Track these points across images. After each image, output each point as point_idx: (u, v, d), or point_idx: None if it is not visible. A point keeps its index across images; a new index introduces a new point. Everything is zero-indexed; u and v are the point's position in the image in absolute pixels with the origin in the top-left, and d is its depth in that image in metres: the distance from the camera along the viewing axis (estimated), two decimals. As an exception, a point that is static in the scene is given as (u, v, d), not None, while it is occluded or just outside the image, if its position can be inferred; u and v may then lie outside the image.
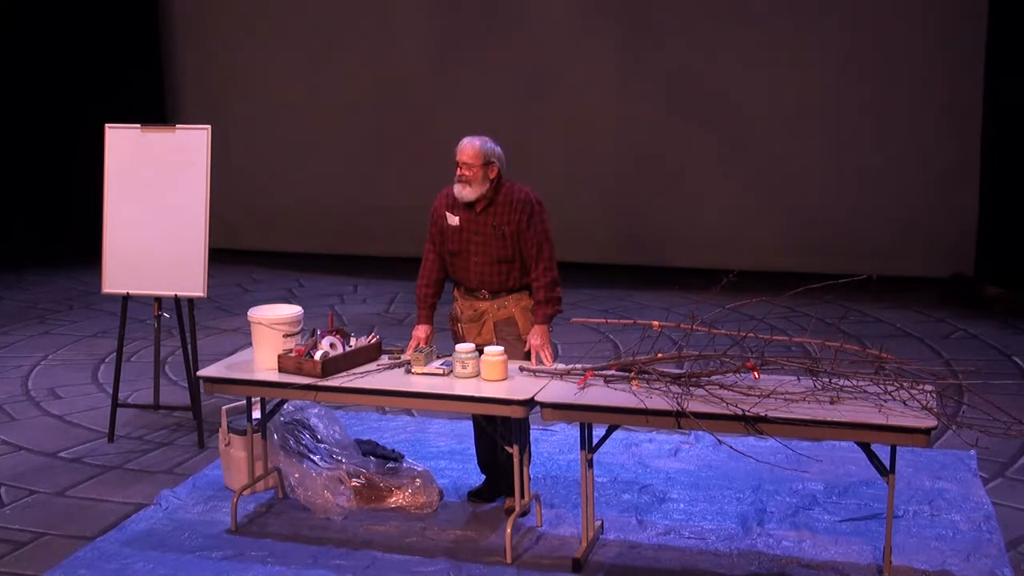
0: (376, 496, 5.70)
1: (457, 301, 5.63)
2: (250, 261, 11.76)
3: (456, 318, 5.62)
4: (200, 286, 6.61)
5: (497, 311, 5.52)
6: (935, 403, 4.69)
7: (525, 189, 5.49)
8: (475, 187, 5.38)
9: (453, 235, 5.51)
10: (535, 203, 5.45)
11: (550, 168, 10.86)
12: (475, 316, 5.54)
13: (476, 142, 5.40)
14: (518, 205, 5.41)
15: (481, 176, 5.37)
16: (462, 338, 5.56)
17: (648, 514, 5.56)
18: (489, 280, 5.49)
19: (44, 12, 12.11)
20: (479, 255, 5.46)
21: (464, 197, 5.40)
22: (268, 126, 12.02)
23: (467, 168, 5.37)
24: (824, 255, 10.20)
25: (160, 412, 6.98)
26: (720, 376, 4.95)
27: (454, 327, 5.65)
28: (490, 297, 5.52)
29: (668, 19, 10.66)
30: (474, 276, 5.50)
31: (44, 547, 5.42)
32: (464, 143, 5.41)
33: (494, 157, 5.40)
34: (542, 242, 5.45)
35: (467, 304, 5.57)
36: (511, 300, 5.51)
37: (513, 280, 5.49)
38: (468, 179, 5.37)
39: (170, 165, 6.64)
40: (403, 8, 11.46)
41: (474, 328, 5.54)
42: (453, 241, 5.52)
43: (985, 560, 5.02)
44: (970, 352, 8.19)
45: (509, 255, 5.44)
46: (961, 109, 9.94)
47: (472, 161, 5.36)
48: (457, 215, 5.48)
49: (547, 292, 5.44)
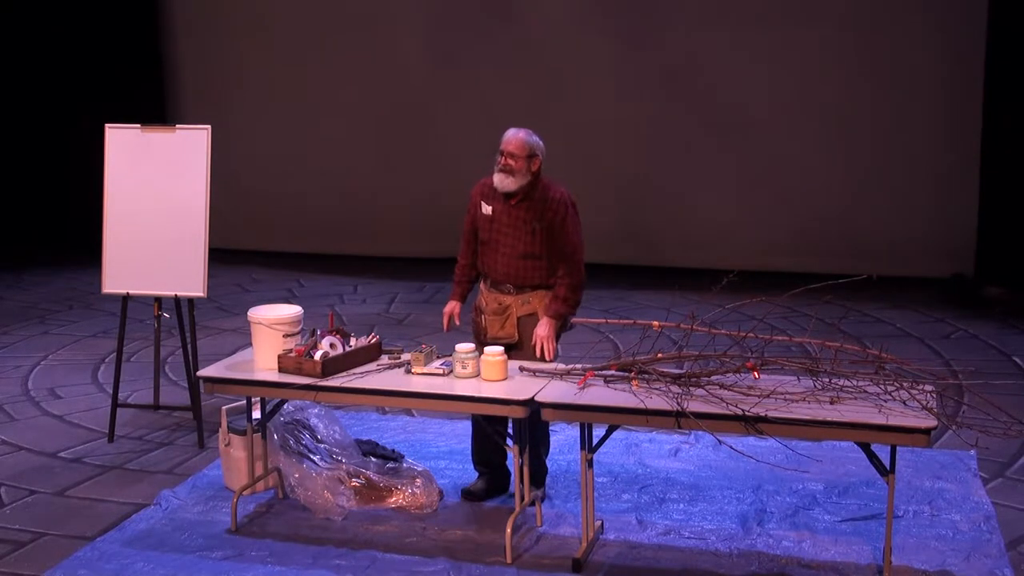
0: (376, 496, 5.70)
1: (483, 293, 5.65)
2: (250, 261, 11.76)
3: (480, 309, 5.64)
4: (200, 286, 6.61)
5: (521, 306, 5.54)
6: (935, 403, 4.68)
7: (561, 189, 5.52)
8: (517, 178, 5.41)
9: (484, 224, 5.55)
10: (570, 205, 5.49)
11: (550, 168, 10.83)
12: (500, 309, 5.55)
13: (522, 134, 5.43)
14: (553, 204, 5.44)
15: (525, 168, 5.41)
16: (484, 330, 5.57)
17: (648, 514, 5.56)
18: (515, 274, 5.50)
19: (44, 12, 12.12)
20: (507, 247, 5.49)
21: (505, 187, 5.42)
22: (268, 126, 12.02)
23: (512, 159, 5.39)
24: (824, 255, 10.21)
25: (160, 412, 6.98)
26: (720, 376, 4.95)
27: (477, 318, 5.66)
28: (515, 291, 5.53)
29: (668, 18, 10.67)
30: (501, 268, 5.52)
31: (44, 547, 5.42)
32: (510, 134, 5.44)
33: (538, 150, 5.45)
34: (575, 244, 5.47)
35: (492, 297, 5.58)
36: (536, 296, 5.53)
37: (539, 277, 5.50)
38: (512, 169, 5.39)
39: (170, 165, 6.64)
40: (403, 8, 11.46)
41: (497, 321, 5.55)
42: (484, 230, 5.56)
43: (985, 560, 5.02)
44: (970, 352, 8.19)
45: (536, 251, 5.46)
46: (961, 109, 9.94)
47: (518, 152, 5.39)
48: (491, 205, 5.52)
49: (568, 291, 5.46)
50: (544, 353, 5.43)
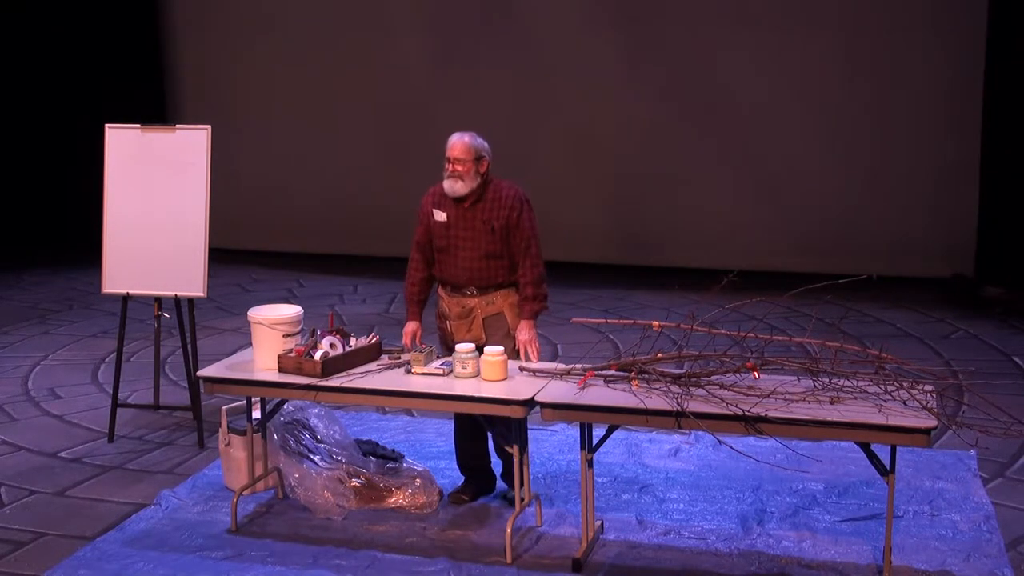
0: (376, 496, 5.70)
1: (443, 300, 5.63)
2: (250, 261, 11.77)
3: (444, 316, 5.63)
4: (200, 286, 6.61)
5: (486, 307, 5.54)
6: (935, 403, 4.68)
7: (513, 186, 5.57)
8: (467, 181, 5.44)
9: (440, 232, 5.55)
10: (524, 200, 5.53)
11: (550, 168, 10.88)
12: (463, 313, 5.55)
13: (466, 138, 5.47)
14: (507, 201, 5.48)
15: (473, 171, 5.45)
16: (451, 336, 5.57)
17: (648, 514, 5.56)
18: (478, 276, 5.51)
19: (44, 12, 12.12)
20: (467, 250, 5.50)
21: (456, 192, 5.46)
22: (268, 126, 12.02)
23: (459, 164, 5.43)
24: (824, 255, 10.21)
25: (160, 412, 6.98)
26: (720, 376, 4.95)
27: (442, 324, 5.66)
28: (478, 293, 5.54)
29: (668, 18, 10.67)
30: (462, 272, 5.52)
31: (44, 547, 5.42)
32: (454, 139, 5.48)
33: (484, 152, 5.48)
34: (530, 238, 5.50)
35: (454, 302, 5.58)
36: (499, 296, 5.54)
37: (502, 276, 5.52)
38: (461, 174, 5.43)
39: (170, 165, 6.64)
40: (403, 8, 11.46)
41: (463, 325, 5.55)
42: (440, 238, 5.56)
43: (985, 560, 5.02)
44: (970, 352, 8.19)
45: (498, 250, 5.48)
46: (961, 109, 9.95)
47: (464, 156, 5.43)
48: (445, 211, 5.54)
49: (534, 288, 5.49)
50: (531, 356, 5.45)
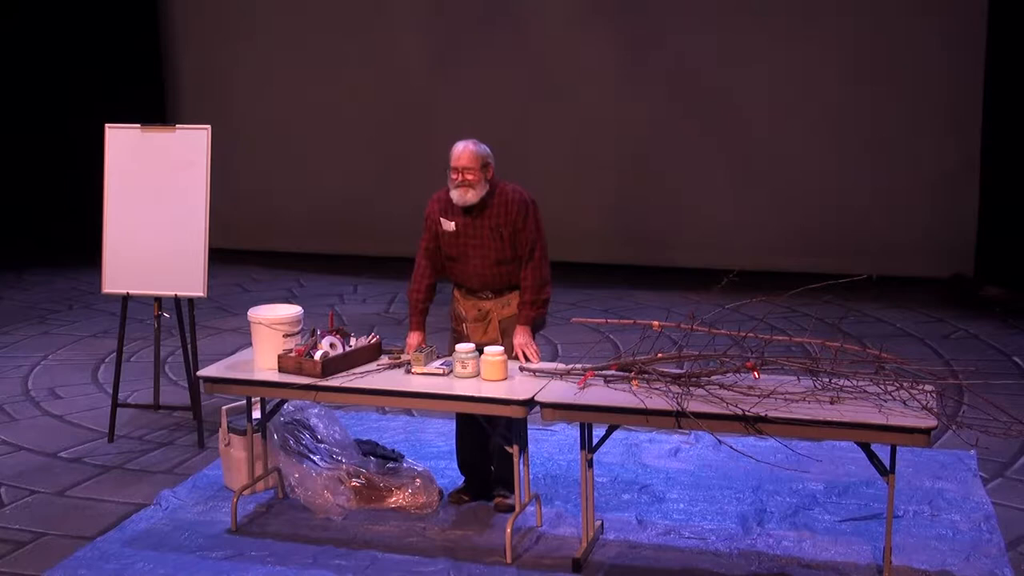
0: (376, 496, 5.70)
1: (459, 302, 5.60)
2: (250, 261, 11.76)
3: (460, 318, 5.60)
4: (200, 286, 6.61)
5: (501, 309, 5.52)
6: (935, 403, 4.68)
7: (517, 188, 5.49)
8: (478, 190, 5.36)
9: (450, 241, 5.49)
10: (530, 202, 5.46)
11: (550, 168, 10.87)
12: (480, 316, 5.53)
13: (471, 145, 5.38)
14: (514, 206, 5.41)
15: (481, 179, 5.36)
16: (467, 337, 5.53)
17: (648, 514, 5.56)
18: (492, 281, 5.49)
19: (45, 13, 12.11)
20: (479, 258, 5.46)
21: (467, 201, 5.37)
22: (268, 126, 12.02)
23: (469, 172, 5.33)
24: (824, 255, 10.21)
25: (160, 412, 6.98)
26: (720, 376, 4.95)
27: (458, 327, 5.62)
28: (493, 296, 5.52)
29: (668, 18, 10.67)
30: (476, 279, 5.49)
31: (44, 547, 5.42)
32: (459, 148, 5.37)
33: (489, 158, 5.41)
34: (535, 241, 5.45)
35: (470, 304, 5.55)
36: (515, 297, 5.51)
37: (517, 278, 5.49)
38: (471, 183, 5.34)
39: (170, 165, 6.64)
40: (403, 8, 11.46)
41: (479, 327, 5.53)
42: (451, 247, 5.50)
43: (985, 560, 5.02)
44: (970, 352, 8.19)
45: (508, 256, 5.44)
46: (961, 109, 9.95)
47: (472, 164, 5.34)
48: (453, 220, 5.46)
49: (533, 294, 5.44)
50: (529, 358, 5.42)
